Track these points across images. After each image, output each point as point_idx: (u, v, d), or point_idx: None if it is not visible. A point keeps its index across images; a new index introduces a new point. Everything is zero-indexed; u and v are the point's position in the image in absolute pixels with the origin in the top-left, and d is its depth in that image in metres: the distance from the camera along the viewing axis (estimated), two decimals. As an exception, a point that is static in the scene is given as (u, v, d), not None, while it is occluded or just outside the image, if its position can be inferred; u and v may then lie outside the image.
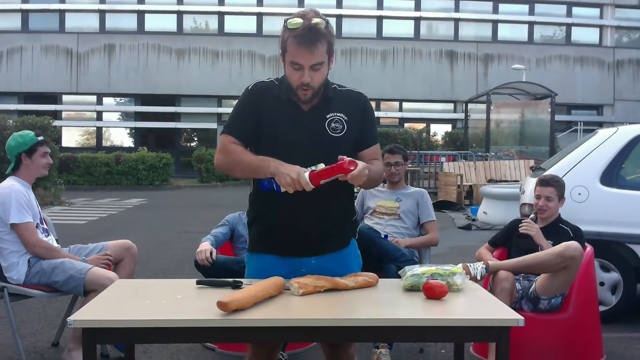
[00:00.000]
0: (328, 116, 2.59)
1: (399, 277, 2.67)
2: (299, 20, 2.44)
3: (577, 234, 4.19)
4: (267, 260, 2.67)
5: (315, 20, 2.45)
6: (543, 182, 4.39)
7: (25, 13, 26.77)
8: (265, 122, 2.58)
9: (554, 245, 4.04)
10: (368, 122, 2.68)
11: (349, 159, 2.39)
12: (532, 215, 4.41)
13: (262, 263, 2.68)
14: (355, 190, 2.79)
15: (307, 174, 2.39)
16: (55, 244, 4.14)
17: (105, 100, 27.27)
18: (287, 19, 2.49)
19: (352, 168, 2.38)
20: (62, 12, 26.82)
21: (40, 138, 4.12)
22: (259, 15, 27.13)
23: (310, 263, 2.63)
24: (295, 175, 2.38)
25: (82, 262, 3.95)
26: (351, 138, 2.61)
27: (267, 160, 2.45)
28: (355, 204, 2.90)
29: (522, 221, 4.32)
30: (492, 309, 2.36)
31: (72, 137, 27.50)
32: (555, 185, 4.35)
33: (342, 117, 2.60)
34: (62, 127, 25.78)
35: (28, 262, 3.89)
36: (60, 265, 3.85)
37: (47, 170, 4.21)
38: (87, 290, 3.77)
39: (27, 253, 3.90)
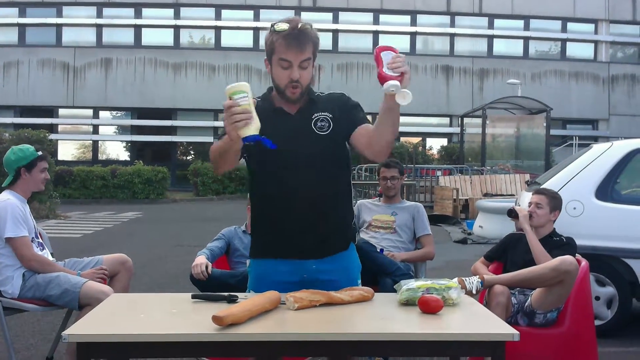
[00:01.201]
0: (314, 116, 2.64)
1: (395, 291, 2.67)
2: (286, 25, 2.53)
3: (569, 242, 4.21)
4: (268, 264, 2.70)
5: (302, 23, 2.55)
6: (537, 191, 4.46)
7: (22, 27, 26.83)
8: None
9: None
10: (352, 109, 2.70)
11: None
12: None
13: (264, 267, 2.72)
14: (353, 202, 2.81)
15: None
16: (50, 258, 4.13)
17: (102, 113, 27.28)
18: (274, 24, 2.57)
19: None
20: (59, 26, 26.88)
21: (40, 153, 4.13)
22: (256, 30, 27.23)
23: (310, 267, 2.65)
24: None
25: (77, 276, 3.94)
26: (339, 136, 2.64)
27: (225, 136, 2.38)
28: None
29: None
30: (488, 324, 2.36)
31: (68, 150, 27.47)
32: (548, 194, 4.38)
33: (327, 115, 2.65)
34: (58, 141, 25.76)
35: (23, 276, 3.88)
36: (55, 279, 3.84)
37: (44, 186, 4.21)
38: (81, 304, 3.75)
39: (22, 267, 3.89)
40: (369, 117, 2.73)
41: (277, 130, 2.57)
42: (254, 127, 2.27)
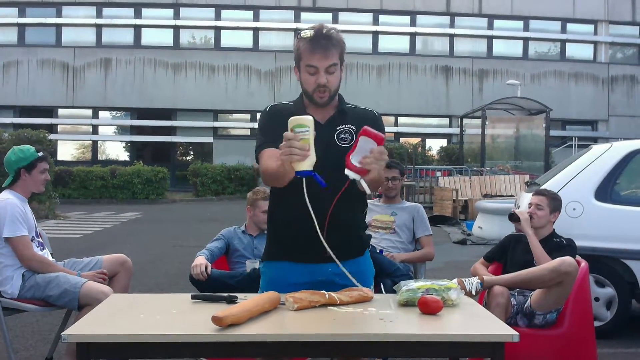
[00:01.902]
0: (338, 128, 2.68)
1: (394, 291, 2.67)
2: (311, 31, 2.59)
3: (570, 244, 4.21)
4: (284, 267, 2.72)
5: (327, 29, 2.61)
6: (537, 192, 4.46)
7: (22, 27, 26.81)
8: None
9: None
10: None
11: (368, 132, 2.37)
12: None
13: (278, 270, 2.74)
14: None
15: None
16: (50, 258, 4.13)
17: (101, 114, 27.27)
18: (300, 32, 2.63)
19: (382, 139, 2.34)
20: (58, 26, 26.87)
21: (41, 154, 4.12)
22: (255, 30, 27.22)
23: (327, 271, 2.66)
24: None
25: (76, 276, 3.94)
26: None
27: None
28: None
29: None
30: (487, 324, 2.37)
31: (67, 150, 27.45)
32: (548, 195, 4.39)
33: (351, 128, 2.68)
34: (58, 141, 25.74)
35: (22, 276, 3.88)
36: (55, 280, 3.84)
37: (44, 187, 4.20)
38: (81, 305, 3.75)
39: (22, 267, 3.89)
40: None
41: None
42: (308, 163, 2.30)
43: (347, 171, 2.37)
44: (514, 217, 4.41)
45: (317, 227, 2.52)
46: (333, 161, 2.52)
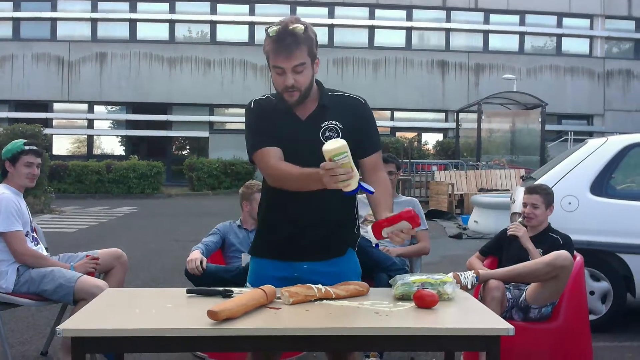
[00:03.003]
0: (323, 125, 2.60)
1: (390, 286, 2.67)
2: (277, 27, 2.50)
3: (567, 243, 4.21)
4: (264, 264, 2.71)
5: (293, 25, 2.49)
6: (529, 190, 4.43)
7: (16, 21, 26.68)
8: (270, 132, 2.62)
9: (544, 254, 4.06)
10: (366, 128, 2.67)
11: (409, 211, 2.40)
12: (519, 219, 4.45)
13: (259, 266, 2.74)
14: None
15: (369, 228, 2.44)
16: (44, 253, 4.11)
17: (97, 108, 27.17)
18: (268, 28, 2.55)
19: (417, 221, 2.42)
20: (53, 20, 26.75)
21: (27, 148, 4.04)
22: (251, 25, 27.14)
23: (302, 267, 2.65)
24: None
25: (70, 269, 3.93)
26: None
27: (313, 174, 2.34)
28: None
29: (510, 224, 4.35)
30: (483, 318, 2.37)
31: (63, 145, 27.36)
32: (541, 192, 4.38)
33: (336, 125, 2.60)
34: (53, 135, 25.68)
35: (17, 271, 3.87)
36: (50, 274, 3.83)
37: (32, 182, 4.10)
38: (76, 299, 3.75)
39: (17, 261, 3.88)
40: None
41: (285, 134, 2.58)
42: (355, 181, 2.30)
43: (370, 232, 2.43)
44: (509, 234, 4.37)
45: (296, 227, 2.56)
46: (317, 159, 2.50)
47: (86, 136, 27.32)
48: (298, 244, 2.63)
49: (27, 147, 4.05)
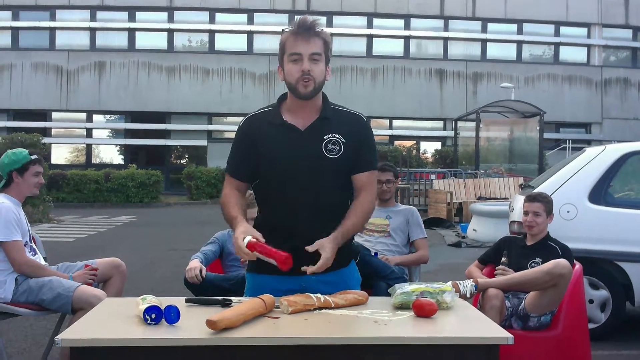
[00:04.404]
0: (325, 137, 2.59)
1: (389, 294, 2.67)
2: (297, 21, 2.57)
3: (566, 253, 4.21)
4: (267, 279, 2.66)
5: (314, 20, 2.57)
6: (530, 198, 4.42)
7: (15, 30, 26.74)
8: (262, 148, 2.61)
9: (543, 262, 4.06)
10: (364, 146, 2.66)
11: (287, 256, 2.42)
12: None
13: (262, 281, 2.69)
14: None
15: (246, 240, 2.43)
16: (43, 262, 4.11)
17: (95, 117, 27.20)
18: (284, 29, 2.61)
19: (286, 268, 2.43)
20: (52, 30, 26.80)
21: (34, 157, 4.09)
22: (250, 34, 27.22)
23: (310, 278, 2.58)
24: (236, 240, 2.47)
25: (68, 279, 3.92)
26: (347, 160, 2.60)
27: (235, 224, 2.56)
28: None
29: (497, 268, 4.27)
30: (482, 327, 2.36)
31: (61, 154, 27.37)
32: (543, 200, 4.38)
33: (339, 138, 2.59)
34: (52, 144, 25.68)
35: (15, 280, 3.86)
36: (48, 284, 3.82)
37: (38, 190, 4.19)
38: (75, 309, 3.73)
39: (15, 271, 3.87)
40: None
41: (284, 146, 2.57)
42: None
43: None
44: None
45: (297, 240, 2.53)
46: (322, 174, 2.48)
47: (85, 145, 27.34)
48: (304, 259, 2.54)
49: (33, 157, 4.08)
